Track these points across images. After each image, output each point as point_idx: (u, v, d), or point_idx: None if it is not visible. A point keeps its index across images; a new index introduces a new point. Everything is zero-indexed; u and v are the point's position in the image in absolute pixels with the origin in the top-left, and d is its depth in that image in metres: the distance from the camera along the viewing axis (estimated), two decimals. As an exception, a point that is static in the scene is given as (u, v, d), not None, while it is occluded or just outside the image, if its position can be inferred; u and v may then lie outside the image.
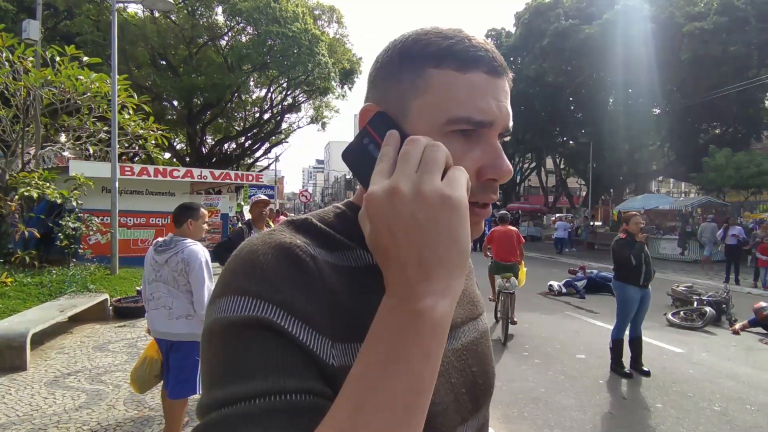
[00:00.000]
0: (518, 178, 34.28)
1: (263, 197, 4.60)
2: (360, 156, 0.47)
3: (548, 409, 4.09)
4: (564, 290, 9.51)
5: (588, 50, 19.17)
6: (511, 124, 0.53)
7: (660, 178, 34.88)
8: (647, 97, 20.00)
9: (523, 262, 7.04)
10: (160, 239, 2.91)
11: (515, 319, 6.62)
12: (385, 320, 0.39)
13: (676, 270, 13.76)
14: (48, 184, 8.60)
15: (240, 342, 0.42)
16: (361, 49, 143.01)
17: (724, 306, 7.26)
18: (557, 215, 26.27)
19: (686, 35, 17.10)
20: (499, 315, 6.59)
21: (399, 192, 0.39)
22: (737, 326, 6.79)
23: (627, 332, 5.00)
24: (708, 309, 7.04)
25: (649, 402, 4.29)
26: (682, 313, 7.34)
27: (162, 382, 2.94)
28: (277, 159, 33.01)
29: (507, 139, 0.55)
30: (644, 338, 5.22)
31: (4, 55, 8.64)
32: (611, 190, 26.30)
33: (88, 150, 11.77)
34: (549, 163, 31.03)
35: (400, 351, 0.37)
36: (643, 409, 4.16)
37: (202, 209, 3.02)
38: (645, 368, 4.92)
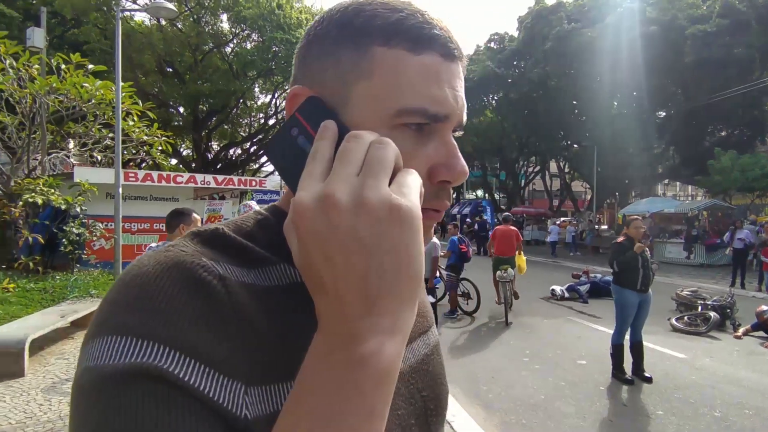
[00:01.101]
0: (522, 182, 34.19)
1: (255, 208, 4.54)
2: (287, 151, 0.39)
3: (547, 416, 4.06)
4: (566, 295, 9.44)
5: (590, 53, 19.14)
6: (465, 117, 0.45)
7: (666, 181, 34.67)
8: (651, 100, 19.91)
9: (521, 252, 8.24)
10: (153, 244, 2.91)
11: (517, 293, 7.87)
12: (317, 369, 0.31)
13: (682, 274, 13.62)
14: (53, 191, 8.70)
15: (117, 403, 0.31)
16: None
17: (728, 310, 7.17)
18: (562, 219, 26.15)
19: (689, 38, 17.04)
20: (501, 300, 7.65)
21: (335, 201, 0.31)
22: (740, 331, 6.71)
23: (628, 337, 4.96)
24: (712, 314, 6.96)
25: (650, 409, 4.24)
26: (686, 317, 7.26)
27: None
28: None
29: (459, 134, 0.46)
30: (647, 343, 5.17)
31: (8, 62, 8.76)
32: (617, 194, 26.15)
33: (94, 157, 11.90)
34: (553, 166, 30.93)
35: (335, 411, 0.29)
36: (644, 416, 4.11)
37: (194, 214, 3.01)
38: (647, 374, 4.87)
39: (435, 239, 6.85)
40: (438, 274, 7.15)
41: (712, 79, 17.76)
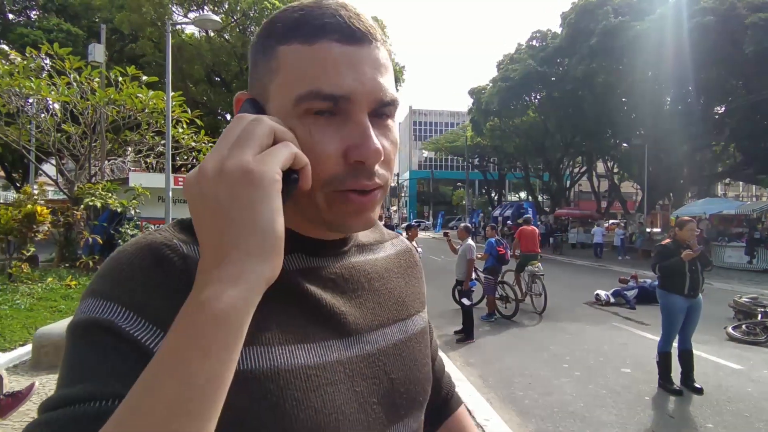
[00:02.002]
0: (567, 183, 33.03)
1: None
2: None
3: (586, 424, 3.91)
4: (612, 300, 9.04)
5: (640, 48, 18.24)
6: (388, 95, 0.46)
7: (726, 181, 32.43)
8: (708, 95, 18.74)
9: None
10: None
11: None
12: (178, 314, 0.35)
13: (743, 280, 12.70)
14: (110, 195, 9.34)
15: (79, 343, 0.40)
16: (404, 58, 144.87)
17: (793, 320, 6.63)
18: (611, 221, 25.04)
19: (750, 27, 15.86)
20: (528, 292, 8.37)
21: (204, 171, 0.37)
22: (809, 342, 6.17)
23: (676, 345, 4.69)
24: (774, 323, 6.46)
25: (699, 421, 4.00)
26: (743, 326, 6.78)
27: None
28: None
29: (389, 111, 0.48)
30: (699, 353, 4.88)
31: (73, 76, 9.49)
32: (671, 195, 24.73)
33: (148, 163, 12.67)
34: (600, 167, 29.70)
35: (177, 348, 0.33)
36: (692, 429, 3.88)
37: None
38: (697, 385, 4.58)
39: (470, 241, 6.77)
40: (475, 276, 7.06)
41: (777, 71, 16.47)
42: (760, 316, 6.89)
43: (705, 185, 24.14)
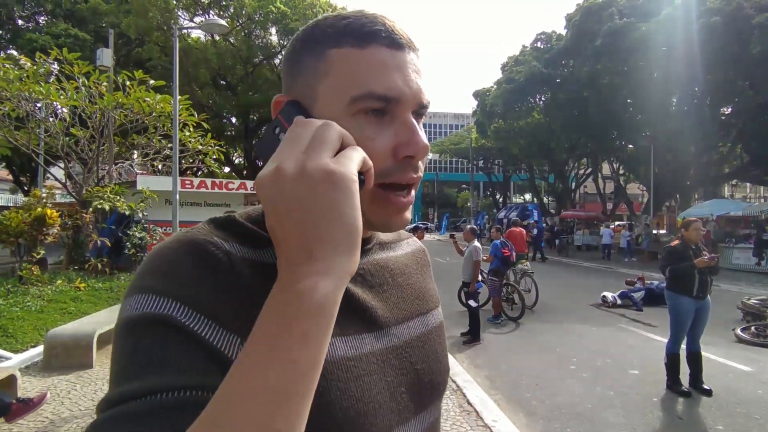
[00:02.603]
0: (572, 184, 32.91)
1: None
2: (271, 147, 0.45)
3: (593, 426, 3.91)
4: (619, 301, 9.00)
5: (646, 49, 18.17)
6: (425, 99, 0.51)
7: (733, 182, 32.18)
8: (715, 96, 18.62)
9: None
10: None
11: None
12: (268, 305, 0.37)
13: (751, 281, 12.60)
14: (118, 198, 9.42)
15: (137, 339, 0.41)
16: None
17: (803, 321, 6.58)
18: (616, 223, 24.91)
19: (757, 27, 15.77)
20: (521, 289, 8.37)
21: (282, 171, 0.38)
22: (819, 344, 6.12)
23: (684, 347, 4.67)
24: (784, 324, 6.41)
25: (709, 423, 3.98)
26: (753, 328, 6.73)
27: None
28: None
29: (424, 112, 0.53)
30: (708, 355, 4.85)
31: (81, 80, 9.59)
32: (677, 196, 24.58)
33: (155, 166, 12.77)
34: (606, 168, 29.57)
35: (276, 335, 0.35)
36: (701, 430, 3.86)
37: None
38: (706, 387, 4.56)
39: (476, 243, 6.77)
40: (481, 278, 7.05)
41: (784, 71, 16.35)
42: (769, 318, 6.84)
43: (712, 186, 23.97)
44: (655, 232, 21.40)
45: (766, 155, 19.27)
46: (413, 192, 0.52)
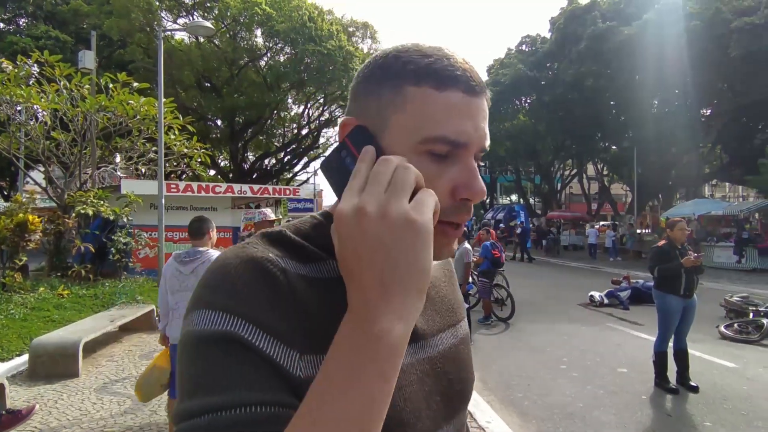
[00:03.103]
0: (558, 185, 33.31)
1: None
2: (337, 169, 0.48)
3: (585, 425, 3.94)
4: (606, 301, 9.13)
5: (628, 52, 18.53)
6: (487, 144, 0.53)
7: (714, 182, 32.92)
8: (695, 98, 19.05)
9: None
10: (181, 251, 3.08)
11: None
12: (345, 339, 0.40)
13: (732, 279, 12.89)
14: (102, 202, 9.23)
15: (208, 355, 0.43)
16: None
17: (784, 318, 6.74)
18: (601, 223, 25.29)
19: (735, 31, 16.20)
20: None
21: (366, 212, 0.40)
22: (800, 340, 6.28)
23: (671, 345, 4.75)
24: (765, 321, 6.56)
25: (697, 420, 4.04)
26: (736, 325, 6.87)
27: (167, 391, 3.08)
28: (315, 173, 33.76)
29: (482, 155, 0.55)
30: (694, 352, 4.95)
31: (62, 83, 9.40)
32: (660, 196, 25.06)
33: (139, 170, 12.56)
34: (591, 169, 30.02)
35: (357, 371, 0.38)
36: (690, 427, 3.93)
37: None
38: (693, 383, 4.65)
39: (467, 244, 6.80)
40: (471, 280, 7.08)
41: (761, 74, 16.81)
42: (751, 315, 7.00)
43: (693, 186, 24.51)
44: (639, 231, 21.76)
45: (745, 156, 19.79)
46: (462, 227, 0.54)
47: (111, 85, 9.80)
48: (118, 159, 13.20)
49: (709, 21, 16.87)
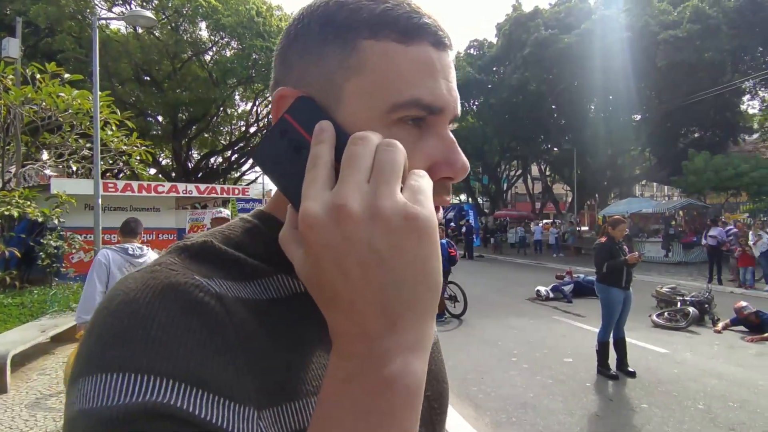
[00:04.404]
0: (505, 185, 34.62)
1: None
2: (281, 157, 0.36)
3: (536, 413, 4.11)
4: (551, 295, 9.59)
5: (568, 59, 19.58)
6: (459, 110, 0.43)
7: (643, 182, 35.51)
8: (627, 104, 20.48)
9: None
10: (130, 245, 3.11)
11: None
12: (341, 396, 0.29)
13: (661, 272, 13.96)
14: (29, 203, 8.47)
15: None
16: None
17: (707, 306, 7.38)
18: (544, 221, 26.57)
19: (661, 43, 17.59)
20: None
21: (348, 211, 0.29)
22: (719, 325, 6.91)
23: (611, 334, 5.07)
24: (691, 309, 7.16)
25: (635, 403, 4.34)
26: (666, 313, 7.45)
27: None
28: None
29: (453, 127, 0.44)
30: (630, 339, 5.30)
31: (-17, 73, 8.55)
32: (596, 195, 26.72)
33: (71, 167, 11.66)
34: (535, 170, 31.45)
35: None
36: (629, 410, 4.20)
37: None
38: (630, 369, 4.98)
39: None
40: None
41: (684, 83, 18.36)
42: (679, 304, 7.61)
43: (625, 186, 26.35)
44: (578, 229, 23.07)
45: (670, 158, 21.52)
46: (441, 212, 0.43)
47: (38, 76, 9.03)
48: (45, 156, 12.20)
49: (639, 33, 18.18)
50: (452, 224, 25.57)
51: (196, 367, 0.31)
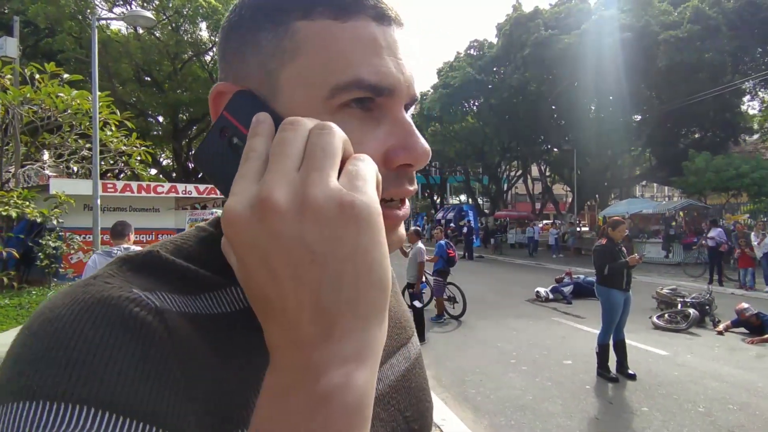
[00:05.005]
0: (505, 186, 34.61)
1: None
2: (220, 156, 0.34)
3: (535, 416, 4.09)
4: (551, 296, 9.55)
5: (568, 59, 19.56)
6: (417, 91, 0.40)
7: (643, 183, 35.50)
8: (627, 104, 20.46)
9: None
10: (116, 248, 3.27)
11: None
12: (274, 415, 0.25)
13: (661, 273, 13.93)
14: (27, 203, 8.45)
15: None
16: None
17: (707, 307, 7.35)
18: (544, 222, 26.54)
19: (662, 43, 17.56)
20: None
21: (273, 204, 0.26)
22: (721, 327, 6.88)
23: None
24: (692, 311, 7.13)
25: (635, 406, 4.31)
26: (666, 315, 7.42)
27: None
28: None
29: (413, 110, 0.40)
30: (630, 341, 5.28)
31: (-19, 73, 8.54)
32: (597, 196, 26.69)
33: (71, 168, 11.66)
34: (535, 170, 31.44)
35: None
36: (629, 413, 4.18)
37: None
38: (631, 371, 4.96)
39: (420, 244, 6.87)
40: (424, 279, 7.16)
41: (685, 83, 18.34)
42: (679, 306, 7.58)
43: (625, 187, 26.33)
44: (578, 229, 23.05)
45: (670, 159, 21.50)
46: (408, 204, 0.40)
47: (37, 76, 9.02)
48: (45, 156, 12.19)
49: (640, 33, 18.15)
50: (452, 224, 25.56)
51: (123, 393, 0.27)
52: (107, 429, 0.26)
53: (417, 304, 6.51)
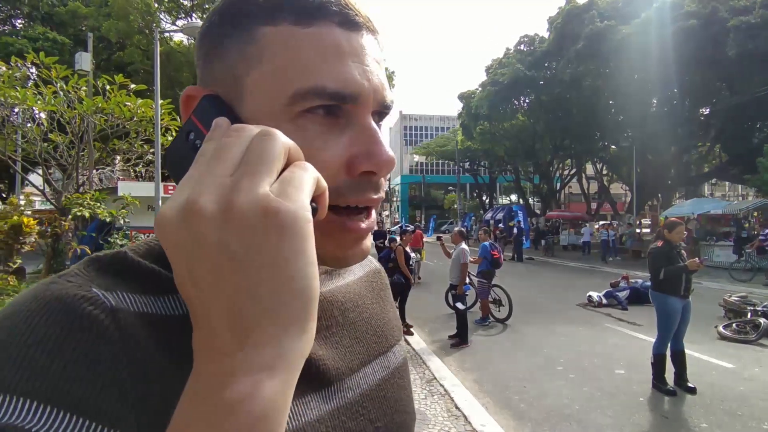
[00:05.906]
0: (557, 185, 33.34)
1: None
2: (184, 159, 0.34)
3: (581, 427, 3.93)
4: (605, 301, 9.10)
5: (626, 51, 18.54)
6: (389, 97, 0.39)
7: (713, 181, 32.95)
8: (693, 97, 19.10)
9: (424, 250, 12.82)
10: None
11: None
12: (183, 419, 0.25)
13: (731, 279, 12.86)
14: (99, 204, 9.22)
15: None
16: (395, 63, 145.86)
17: (782, 317, 6.72)
18: (601, 223, 25.31)
19: (732, 30, 16.21)
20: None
21: (199, 208, 0.26)
22: (798, 340, 6.26)
23: (669, 346, 4.73)
24: (763, 320, 6.54)
25: (693, 422, 4.03)
26: (734, 325, 6.86)
27: None
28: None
29: (387, 114, 0.41)
30: (692, 353, 4.94)
31: (59, 85, 9.40)
32: (659, 195, 25.08)
33: (138, 171, 12.55)
34: (590, 169, 30.05)
35: None
36: (686, 429, 3.91)
37: None
38: (690, 384, 4.63)
39: (464, 245, 6.79)
40: (468, 280, 7.07)
41: (759, 73, 16.82)
42: (749, 315, 6.98)
43: (692, 186, 24.53)
44: (638, 231, 21.78)
45: (744, 154, 19.77)
46: (374, 214, 0.40)
47: (108, 87, 9.80)
48: (117, 160, 13.22)
49: (706, 20, 16.88)
50: (500, 225, 24.97)
51: (65, 387, 0.29)
52: (47, 422, 0.27)
53: (459, 306, 6.43)
